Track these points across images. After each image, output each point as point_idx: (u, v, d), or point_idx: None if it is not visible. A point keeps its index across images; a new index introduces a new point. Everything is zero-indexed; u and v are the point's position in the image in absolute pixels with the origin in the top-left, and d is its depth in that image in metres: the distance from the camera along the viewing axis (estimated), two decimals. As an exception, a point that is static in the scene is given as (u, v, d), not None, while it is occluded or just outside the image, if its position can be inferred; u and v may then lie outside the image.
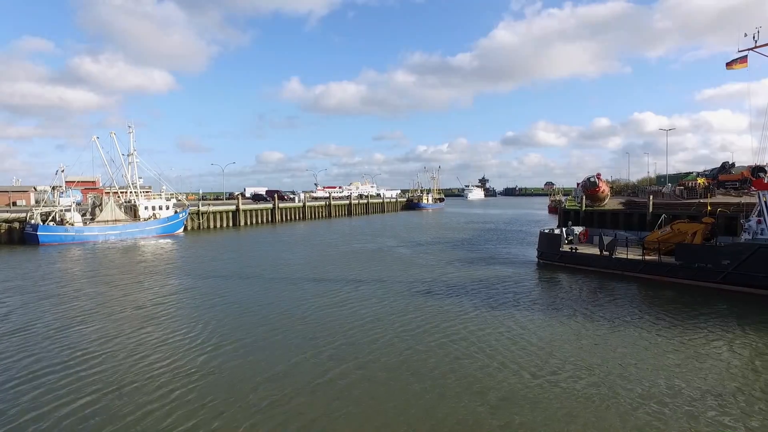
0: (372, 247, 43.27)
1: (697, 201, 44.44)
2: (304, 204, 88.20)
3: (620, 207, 50.13)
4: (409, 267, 31.85)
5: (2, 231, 47.28)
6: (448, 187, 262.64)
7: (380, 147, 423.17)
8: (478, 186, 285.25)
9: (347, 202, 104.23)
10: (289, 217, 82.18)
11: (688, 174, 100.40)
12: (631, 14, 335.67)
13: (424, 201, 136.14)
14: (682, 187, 61.51)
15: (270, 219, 77.41)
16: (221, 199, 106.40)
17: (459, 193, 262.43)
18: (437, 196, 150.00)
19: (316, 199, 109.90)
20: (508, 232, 58.30)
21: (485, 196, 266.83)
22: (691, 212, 35.78)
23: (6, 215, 49.17)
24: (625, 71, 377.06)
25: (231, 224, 69.35)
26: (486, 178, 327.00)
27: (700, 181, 63.13)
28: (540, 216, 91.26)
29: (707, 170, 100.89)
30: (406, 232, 60.54)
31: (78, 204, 57.67)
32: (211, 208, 67.64)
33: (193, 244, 47.20)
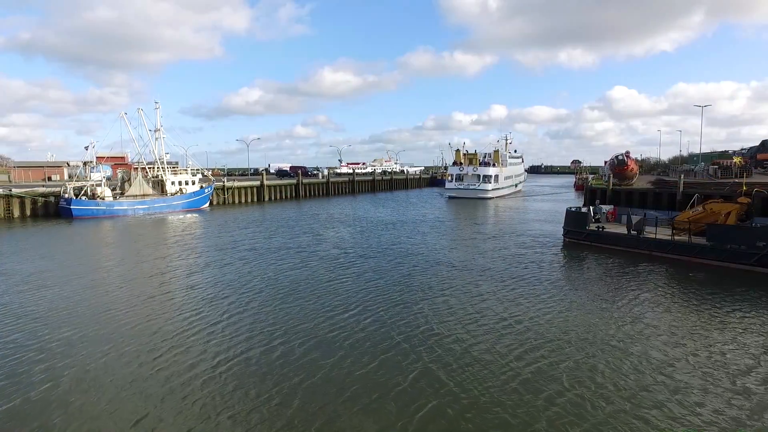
0: (395, 218, 43.38)
1: (731, 180, 42.95)
2: (328, 180, 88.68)
3: (649, 186, 48.85)
4: (435, 236, 31.88)
5: (39, 205, 49.02)
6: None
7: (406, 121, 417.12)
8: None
9: (371, 178, 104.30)
10: (312, 193, 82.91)
11: (723, 153, 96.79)
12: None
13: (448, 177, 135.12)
14: (716, 167, 59.50)
15: (294, 194, 78.25)
16: (246, 175, 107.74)
17: None
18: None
19: (339, 175, 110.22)
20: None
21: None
22: (724, 192, 34.61)
23: (42, 190, 50.96)
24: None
25: (255, 199, 70.42)
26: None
27: (736, 160, 60.90)
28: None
29: (744, 148, 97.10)
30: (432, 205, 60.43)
31: (108, 179, 59.16)
32: (236, 184, 68.66)
33: (217, 219, 48.12)
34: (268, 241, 33.27)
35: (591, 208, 33.68)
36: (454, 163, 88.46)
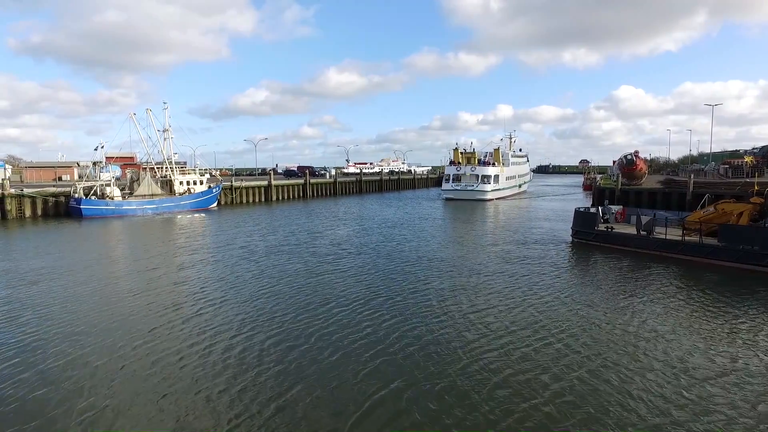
0: (399, 218, 43.31)
1: (743, 180, 42.48)
2: (335, 180, 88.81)
3: (659, 186, 48.42)
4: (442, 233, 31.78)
5: (50, 204, 49.49)
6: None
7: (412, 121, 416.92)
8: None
9: (378, 178, 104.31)
10: (320, 193, 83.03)
11: (734, 152, 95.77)
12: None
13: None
14: (726, 166, 58.87)
15: (301, 194, 78.42)
16: (254, 175, 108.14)
17: None
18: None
19: (347, 174, 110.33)
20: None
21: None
22: (736, 192, 34.21)
23: (53, 189, 51.45)
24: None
25: (263, 199, 70.64)
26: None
27: (748, 159, 60.24)
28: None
29: (756, 147, 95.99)
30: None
31: (117, 179, 59.58)
32: (244, 184, 68.93)
33: (224, 219, 48.31)
34: (268, 239, 33.52)
35: (600, 208, 33.46)
36: (451, 163, 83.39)
